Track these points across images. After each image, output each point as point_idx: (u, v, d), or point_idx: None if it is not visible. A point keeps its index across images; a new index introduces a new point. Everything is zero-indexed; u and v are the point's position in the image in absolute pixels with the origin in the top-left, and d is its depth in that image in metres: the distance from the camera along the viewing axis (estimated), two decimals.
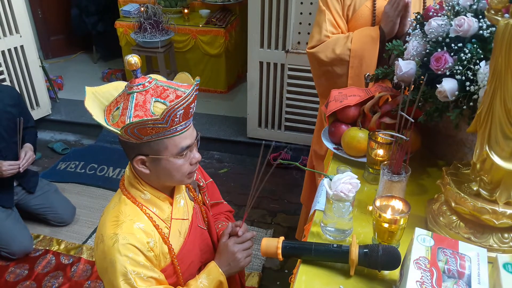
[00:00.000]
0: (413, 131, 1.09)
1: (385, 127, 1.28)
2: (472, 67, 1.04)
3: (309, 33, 2.70)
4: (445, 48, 1.10)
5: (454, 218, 0.99)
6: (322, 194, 1.17)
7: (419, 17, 1.27)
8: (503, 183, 0.90)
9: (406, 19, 1.53)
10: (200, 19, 3.82)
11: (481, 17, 1.06)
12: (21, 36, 3.24)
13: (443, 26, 1.12)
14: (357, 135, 1.26)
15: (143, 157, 0.99)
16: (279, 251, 0.98)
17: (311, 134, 2.92)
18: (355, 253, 0.90)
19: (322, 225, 1.06)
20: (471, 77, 1.03)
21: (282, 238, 1.00)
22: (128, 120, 0.91)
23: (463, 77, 1.04)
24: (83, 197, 2.81)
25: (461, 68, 1.05)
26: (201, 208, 1.21)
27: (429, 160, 1.30)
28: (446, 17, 1.14)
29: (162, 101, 0.93)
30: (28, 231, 2.39)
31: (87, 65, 4.61)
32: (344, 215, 1.00)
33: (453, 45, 1.08)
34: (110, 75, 4.19)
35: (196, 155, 1.04)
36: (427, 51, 1.16)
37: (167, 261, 1.07)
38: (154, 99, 0.93)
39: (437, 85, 1.08)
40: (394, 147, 1.08)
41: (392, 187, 1.04)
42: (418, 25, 1.26)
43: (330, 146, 1.36)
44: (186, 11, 3.83)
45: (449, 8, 1.15)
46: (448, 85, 1.06)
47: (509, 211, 0.90)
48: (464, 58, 1.04)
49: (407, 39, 1.27)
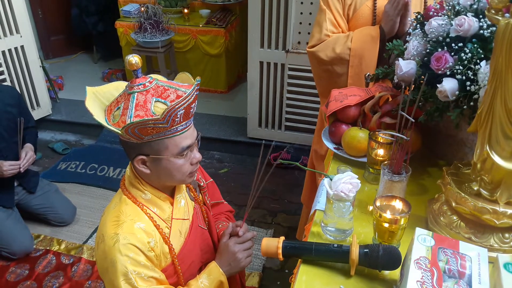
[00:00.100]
0: (413, 131, 1.09)
1: (386, 127, 1.28)
2: (472, 66, 1.03)
3: (309, 33, 2.70)
4: (445, 47, 1.10)
5: (454, 218, 0.99)
6: (322, 194, 1.17)
7: (419, 16, 1.27)
8: (504, 183, 0.90)
9: (406, 18, 1.53)
10: (200, 19, 3.82)
11: (481, 16, 1.06)
12: (21, 36, 3.24)
13: (443, 25, 1.12)
14: (358, 135, 1.26)
15: (144, 157, 0.99)
16: (280, 251, 0.97)
17: (311, 134, 2.92)
18: (355, 253, 0.90)
19: (322, 225, 1.06)
20: (472, 77, 1.03)
21: (282, 238, 1.00)
22: (128, 120, 0.91)
23: (464, 77, 1.04)
24: (83, 197, 2.81)
25: (461, 67, 1.05)
26: (201, 208, 1.21)
27: (429, 160, 1.30)
28: (446, 16, 1.14)
29: (162, 101, 0.93)
30: (28, 231, 2.39)
31: (87, 65, 4.62)
32: (344, 215, 1.00)
33: (453, 44, 1.08)
34: (110, 75, 4.19)
35: (196, 155, 1.05)
36: (428, 50, 1.16)
37: (167, 261, 1.07)
38: (154, 99, 0.93)
39: (438, 85, 1.08)
40: (394, 147, 1.08)
41: (392, 187, 1.04)
42: (418, 25, 1.26)
43: (330, 146, 1.36)
44: (186, 11, 3.83)
45: (450, 7, 1.15)
46: (448, 85, 1.06)
47: (509, 211, 0.90)
48: (464, 57, 1.04)
49: (407, 38, 1.27)
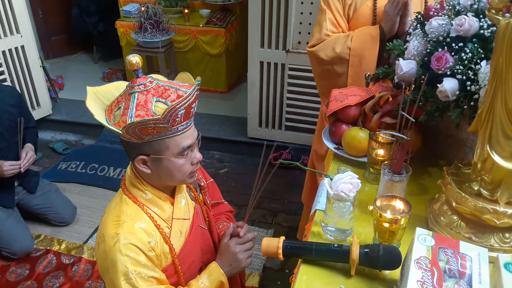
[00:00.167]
0: (413, 130, 1.09)
1: (386, 126, 1.28)
2: (473, 66, 1.03)
3: (309, 33, 2.70)
4: (445, 47, 1.10)
5: (455, 218, 0.99)
6: (322, 194, 1.17)
7: (419, 16, 1.27)
8: (504, 182, 0.90)
9: (406, 18, 1.53)
10: (200, 19, 3.82)
11: (482, 16, 1.06)
12: (21, 36, 3.24)
13: (443, 25, 1.12)
14: (358, 135, 1.26)
15: (144, 157, 0.99)
16: (280, 251, 0.98)
17: (311, 134, 2.92)
18: (355, 253, 0.90)
19: (322, 225, 1.06)
20: (472, 77, 1.03)
21: (282, 238, 1.00)
22: (129, 119, 0.91)
23: (464, 77, 1.04)
24: (83, 197, 2.81)
25: (462, 67, 1.05)
26: (202, 208, 1.21)
27: (430, 159, 1.30)
28: (446, 16, 1.14)
29: (163, 101, 0.93)
30: (29, 231, 2.39)
31: (87, 65, 4.62)
32: (344, 215, 1.00)
33: (454, 44, 1.08)
34: (110, 75, 4.20)
35: (197, 155, 1.05)
36: (428, 50, 1.16)
37: (168, 261, 1.07)
38: (155, 99, 0.93)
39: (438, 85, 1.08)
40: (394, 147, 1.08)
41: (393, 187, 1.04)
42: (418, 25, 1.26)
43: (330, 146, 1.36)
44: (186, 11, 3.83)
45: (450, 7, 1.15)
46: (449, 85, 1.06)
47: (510, 211, 0.90)
48: (465, 57, 1.04)
49: (407, 38, 1.27)
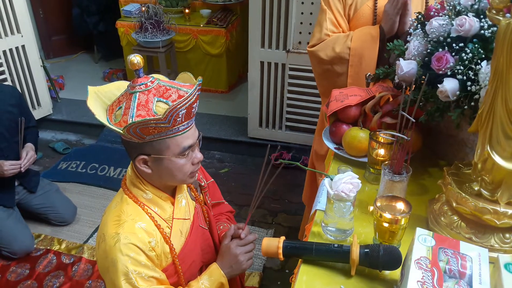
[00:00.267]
0: (414, 131, 1.09)
1: (386, 127, 1.28)
2: (473, 67, 1.03)
3: (310, 33, 2.70)
4: (446, 48, 1.10)
5: (455, 218, 0.99)
6: (323, 194, 1.17)
7: (420, 16, 1.27)
8: (505, 183, 0.90)
9: (406, 17, 1.53)
10: (201, 19, 3.82)
11: (482, 17, 1.06)
12: (22, 36, 3.25)
13: (444, 26, 1.12)
14: (358, 135, 1.26)
15: (145, 157, 0.99)
16: (280, 251, 0.98)
17: (312, 134, 2.91)
18: (356, 253, 0.90)
19: (323, 225, 1.06)
20: (473, 77, 1.03)
21: (283, 238, 1.00)
22: (130, 119, 0.91)
23: (464, 77, 1.04)
24: (84, 197, 2.81)
25: (462, 68, 1.05)
26: (202, 208, 1.21)
27: (430, 160, 1.30)
28: (447, 16, 1.14)
29: (164, 100, 0.93)
30: (29, 230, 2.40)
31: (88, 65, 4.62)
32: (345, 215, 1.00)
33: (454, 45, 1.08)
34: (111, 75, 4.20)
35: (198, 155, 1.05)
36: (428, 51, 1.16)
37: (168, 260, 1.07)
38: (156, 99, 0.93)
39: (438, 85, 1.08)
40: (395, 147, 1.08)
41: (393, 187, 1.04)
42: (419, 25, 1.26)
43: (331, 146, 1.36)
44: (187, 11, 3.83)
45: (450, 7, 1.15)
46: (449, 85, 1.06)
47: (510, 211, 0.90)
48: (465, 58, 1.04)
49: (408, 38, 1.27)
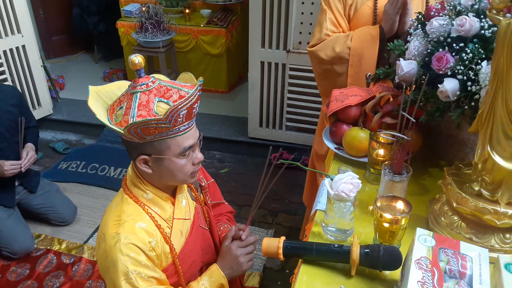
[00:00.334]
0: (414, 131, 1.09)
1: (387, 127, 1.28)
2: (473, 67, 1.03)
3: (310, 33, 2.70)
4: (446, 48, 1.10)
5: (455, 218, 0.99)
6: (323, 194, 1.17)
7: (420, 16, 1.27)
8: (505, 183, 0.90)
9: (405, 17, 1.53)
10: (201, 19, 3.83)
11: (482, 17, 1.06)
12: (22, 36, 3.25)
13: (444, 26, 1.12)
14: (358, 135, 1.26)
15: (146, 157, 0.99)
16: (280, 251, 0.97)
17: (312, 134, 2.91)
18: (356, 253, 0.90)
19: (323, 225, 1.05)
20: (473, 77, 1.03)
21: (283, 238, 1.00)
22: (131, 119, 0.91)
23: (465, 77, 1.04)
24: (84, 197, 2.81)
25: (462, 68, 1.05)
26: (202, 208, 1.21)
27: (430, 160, 1.30)
28: (447, 17, 1.14)
29: (165, 101, 0.93)
30: (29, 230, 2.40)
31: (88, 65, 4.62)
32: (345, 215, 1.00)
33: (454, 45, 1.08)
34: (111, 75, 4.20)
35: (198, 155, 1.05)
36: (429, 51, 1.16)
37: (168, 260, 1.07)
38: (157, 99, 0.93)
39: (439, 85, 1.08)
40: (395, 147, 1.08)
41: (393, 187, 1.04)
42: (419, 25, 1.26)
43: (331, 146, 1.36)
44: (187, 11, 3.83)
45: (451, 8, 1.15)
46: (449, 85, 1.06)
47: (510, 212, 0.90)
48: (465, 58, 1.04)
49: (408, 38, 1.27)
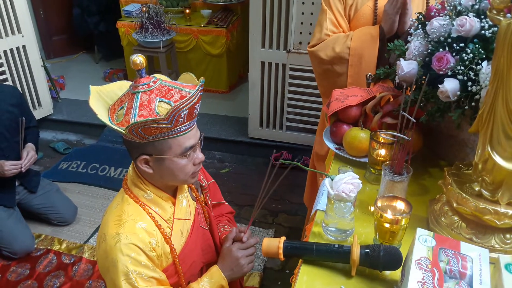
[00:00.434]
0: (414, 131, 1.09)
1: (387, 127, 1.28)
2: (474, 67, 1.03)
3: (310, 33, 2.70)
4: (447, 48, 1.10)
5: (456, 218, 0.99)
6: (323, 194, 1.17)
7: (421, 17, 1.27)
8: (505, 183, 0.90)
9: (405, 17, 1.53)
10: (201, 19, 3.83)
11: (483, 17, 1.06)
12: (23, 36, 3.25)
13: (445, 26, 1.12)
14: (359, 135, 1.26)
15: (147, 157, 0.99)
16: (280, 251, 0.97)
17: (312, 134, 2.91)
18: (356, 253, 0.90)
19: (323, 225, 1.05)
20: (473, 77, 1.03)
21: (283, 238, 1.00)
22: (132, 119, 0.91)
23: (465, 77, 1.04)
24: (84, 197, 2.81)
25: (463, 68, 1.05)
26: (203, 208, 1.21)
27: (430, 160, 1.30)
28: (448, 17, 1.14)
29: (166, 101, 0.93)
30: (29, 230, 2.40)
31: (89, 65, 4.63)
32: (345, 215, 1.00)
33: (455, 45, 1.08)
34: (111, 75, 4.20)
35: (199, 155, 1.05)
36: (429, 51, 1.16)
37: (168, 261, 1.07)
38: (158, 99, 0.93)
39: (439, 85, 1.08)
40: (395, 147, 1.08)
41: (393, 187, 1.04)
42: (420, 25, 1.26)
43: (331, 146, 1.36)
44: (187, 11, 3.83)
45: (451, 8, 1.15)
46: (450, 85, 1.06)
47: (511, 212, 0.90)
48: (466, 58, 1.04)
49: (408, 39, 1.27)
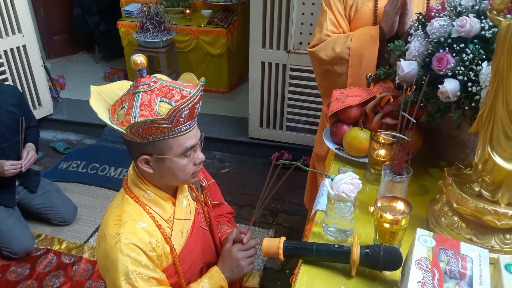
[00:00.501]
0: (414, 131, 1.09)
1: (387, 127, 1.28)
2: (474, 67, 1.04)
3: (310, 34, 2.70)
4: (447, 48, 1.10)
5: (455, 219, 0.99)
6: (323, 194, 1.17)
7: (421, 17, 1.27)
8: (505, 184, 0.90)
9: (405, 17, 1.53)
10: (202, 19, 3.83)
11: (483, 17, 1.06)
12: (23, 35, 3.25)
13: (445, 26, 1.12)
14: (359, 136, 1.26)
15: (147, 157, 0.99)
16: (280, 251, 0.98)
17: (312, 134, 2.91)
18: (356, 254, 0.90)
19: (323, 225, 1.06)
20: (473, 78, 1.03)
21: (283, 238, 1.00)
22: (133, 119, 0.91)
23: (465, 78, 1.04)
24: (84, 197, 2.81)
25: (463, 68, 1.05)
26: (203, 208, 1.21)
27: (430, 160, 1.30)
28: (448, 17, 1.14)
29: (167, 101, 0.93)
30: (29, 230, 2.40)
31: (89, 65, 4.63)
32: (345, 215, 1.00)
33: (455, 45, 1.08)
34: (112, 75, 4.20)
35: (200, 155, 1.05)
36: (429, 51, 1.16)
37: (169, 261, 1.07)
38: (159, 99, 0.94)
39: (439, 86, 1.08)
40: (395, 148, 1.08)
41: (393, 188, 1.04)
42: (420, 26, 1.26)
43: (331, 146, 1.36)
44: (188, 11, 3.83)
45: (451, 8, 1.15)
46: (450, 86, 1.06)
47: (511, 212, 0.90)
48: (466, 58, 1.04)
49: (409, 39, 1.27)
